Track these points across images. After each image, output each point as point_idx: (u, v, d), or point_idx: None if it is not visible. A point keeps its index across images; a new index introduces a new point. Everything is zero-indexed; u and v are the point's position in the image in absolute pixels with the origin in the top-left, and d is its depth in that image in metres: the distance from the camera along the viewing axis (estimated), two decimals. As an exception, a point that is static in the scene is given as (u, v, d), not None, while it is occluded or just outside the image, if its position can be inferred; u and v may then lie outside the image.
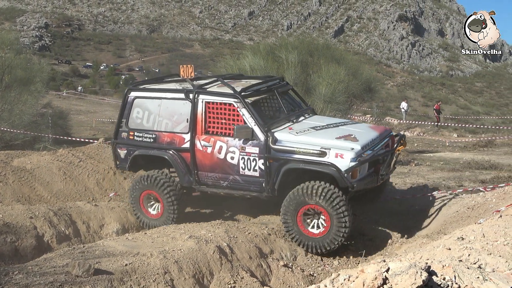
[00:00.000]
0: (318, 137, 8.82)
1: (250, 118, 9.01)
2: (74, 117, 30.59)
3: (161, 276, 7.31)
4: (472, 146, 24.78)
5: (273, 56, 18.86)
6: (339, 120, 10.50)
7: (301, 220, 8.63)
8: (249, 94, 9.36)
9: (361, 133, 9.04)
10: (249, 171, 9.12)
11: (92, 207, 10.89)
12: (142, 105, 10.11)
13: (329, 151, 8.37)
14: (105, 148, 15.40)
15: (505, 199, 8.95)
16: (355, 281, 3.66)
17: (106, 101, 50.01)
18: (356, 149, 8.36)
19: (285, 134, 8.92)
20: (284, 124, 9.36)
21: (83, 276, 6.65)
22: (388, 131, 9.89)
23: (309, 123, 9.59)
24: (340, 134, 8.91)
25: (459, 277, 3.71)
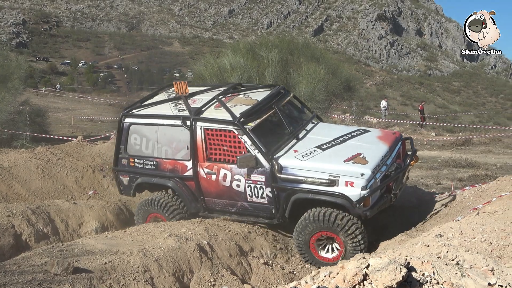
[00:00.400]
0: (325, 161, 8.36)
1: (252, 145, 8.60)
2: (52, 115, 30.24)
3: (141, 274, 7.27)
4: (450, 145, 25.02)
5: (253, 55, 18.87)
6: (345, 129, 9.70)
7: (314, 246, 8.39)
8: (249, 119, 8.87)
9: (370, 150, 8.57)
10: (257, 198, 8.78)
11: (70, 205, 10.80)
12: (139, 131, 9.72)
13: (339, 179, 8.00)
14: (83, 146, 15.29)
15: (482, 197, 9.06)
16: (335, 278, 3.68)
17: (85, 99, 49.61)
18: (366, 175, 7.95)
19: (290, 160, 8.49)
20: (288, 144, 8.89)
21: (62, 275, 6.59)
22: (398, 138, 9.40)
23: (315, 138, 9.09)
24: (348, 154, 8.41)
25: (437, 273, 3.75)
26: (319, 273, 4.21)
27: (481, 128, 31.16)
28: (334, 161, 8.30)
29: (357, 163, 8.16)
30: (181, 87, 9.90)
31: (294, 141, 8.99)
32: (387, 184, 8.37)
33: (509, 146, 23.59)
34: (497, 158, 19.80)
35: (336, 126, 10.50)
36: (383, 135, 9.39)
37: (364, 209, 7.91)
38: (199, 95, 10.08)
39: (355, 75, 32.82)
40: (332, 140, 8.90)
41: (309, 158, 8.44)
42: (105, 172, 13.64)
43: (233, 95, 9.98)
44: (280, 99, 9.70)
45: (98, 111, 38.42)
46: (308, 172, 8.22)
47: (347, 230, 7.97)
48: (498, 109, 71.00)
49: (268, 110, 9.27)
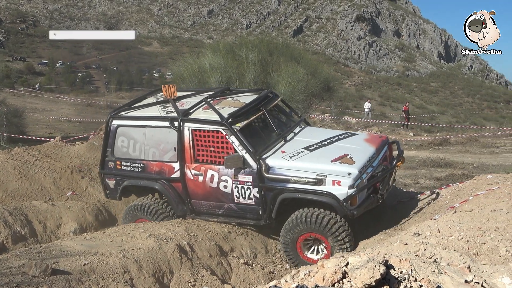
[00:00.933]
0: (312, 161, 8.41)
1: (240, 146, 8.59)
2: (30, 115, 29.96)
3: (121, 275, 7.24)
4: (427, 145, 25.28)
5: (233, 55, 18.87)
6: (333, 132, 9.86)
7: (301, 246, 8.39)
8: (236, 119, 8.86)
9: (357, 151, 8.63)
10: (244, 199, 8.74)
11: (49, 206, 10.71)
12: (126, 133, 9.65)
13: (326, 178, 8.02)
14: (61, 146, 15.16)
15: (459, 195, 9.17)
16: (315, 276, 3.71)
17: (63, 99, 49.11)
18: (353, 174, 8.00)
19: (278, 160, 8.51)
20: (276, 145, 8.95)
21: (40, 277, 6.53)
22: (384, 141, 9.51)
23: (302, 140, 9.16)
24: (335, 155, 8.47)
25: (415, 271, 3.80)
26: (298, 272, 4.23)
27: (458, 128, 31.58)
28: (321, 161, 8.36)
29: (344, 163, 8.23)
30: (169, 90, 9.88)
31: (282, 142, 9.05)
32: (374, 185, 8.44)
33: (485, 145, 23.91)
34: (474, 157, 20.07)
35: (323, 130, 10.67)
36: (370, 138, 9.51)
37: (351, 208, 7.95)
38: (187, 98, 10.10)
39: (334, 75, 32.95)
40: (319, 141, 8.96)
41: (297, 158, 8.48)
42: (84, 173, 13.54)
43: (221, 98, 10.00)
44: (268, 102, 9.71)
45: (76, 111, 38.09)
46: (295, 171, 8.24)
47: (337, 235, 7.99)
48: (475, 109, 71.90)
49: (256, 112, 9.31)
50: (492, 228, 5.63)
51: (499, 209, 6.48)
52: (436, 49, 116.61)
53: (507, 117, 49.46)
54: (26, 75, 76.74)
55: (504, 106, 75.87)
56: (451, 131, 31.26)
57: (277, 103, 10.10)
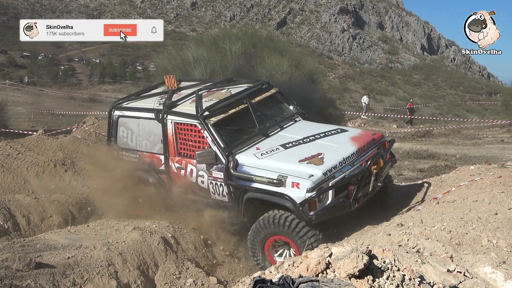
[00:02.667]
0: (280, 160, 7.93)
1: (212, 141, 8.36)
2: (12, 109, 29.63)
3: (105, 268, 7.24)
4: (410, 137, 25.45)
5: (217, 47, 18.86)
6: (323, 128, 9.06)
7: (269, 250, 7.99)
8: (212, 114, 8.59)
9: (333, 150, 8.07)
10: (218, 195, 8.51)
11: (32, 200, 10.63)
12: (126, 124, 9.69)
13: (287, 179, 7.54)
14: (44, 140, 15.03)
15: (442, 186, 9.26)
16: (299, 267, 3.73)
17: (45, 92, 48.64)
18: (316, 176, 7.44)
19: (248, 158, 8.17)
20: (254, 141, 8.57)
21: (24, 270, 6.51)
22: (375, 140, 8.66)
23: (285, 136, 8.69)
24: (307, 154, 7.95)
25: (398, 261, 3.84)
26: (283, 263, 4.26)
27: (441, 120, 31.80)
28: (289, 160, 7.90)
29: (312, 163, 7.73)
30: (170, 81, 9.87)
31: (262, 138, 8.69)
32: (348, 188, 7.78)
33: (467, 137, 24.13)
34: (456, 149, 20.25)
35: (315, 125, 9.40)
36: (357, 136, 8.73)
37: (310, 213, 7.39)
38: (187, 89, 9.95)
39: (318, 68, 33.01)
40: (301, 138, 8.49)
41: (267, 156, 8.11)
42: (67, 166, 13.46)
43: (218, 89, 9.80)
44: (255, 94, 9.30)
45: (59, 104, 37.77)
46: (260, 170, 7.89)
47: (304, 239, 7.53)
48: (458, 101, 72.37)
49: (238, 105, 8.95)
50: (474, 219, 5.69)
51: (481, 199, 6.55)
52: (419, 42, 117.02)
53: (489, 109, 49.86)
54: (7, 68, 75.94)
55: (486, 98, 76.40)
56: (434, 123, 31.51)
57: (271, 95, 9.61)
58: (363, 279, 3.44)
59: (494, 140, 22.70)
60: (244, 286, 4.14)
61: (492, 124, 27.30)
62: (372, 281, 3.45)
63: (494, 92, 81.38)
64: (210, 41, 19.79)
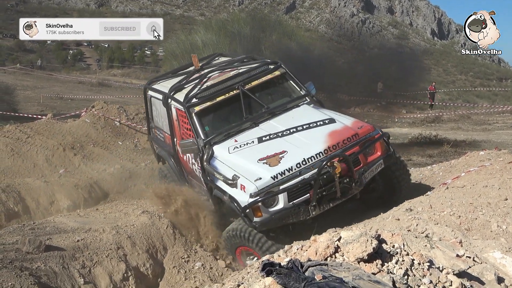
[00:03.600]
0: (244, 157, 7.24)
1: (194, 130, 7.96)
2: (21, 93, 29.70)
3: (114, 251, 7.29)
4: (420, 122, 25.34)
5: (225, 32, 18.78)
6: (316, 117, 7.77)
7: (240, 256, 7.55)
8: (200, 101, 8.07)
9: (300, 148, 7.08)
10: (206, 185, 8.00)
11: (41, 183, 10.72)
12: (155, 104, 9.72)
13: (238, 180, 6.92)
14: (53, 124, 15.09)
15: (451, 172, 9.23)
16: (308, 250, 3.73)
17: (54, 77, 48.70)
18: (263, 180, 6.71)
19: (221, 151, 7.57)
20: (239, 131, 7.83)
21: (34, 253, 6.56)
22: (358, 135, 7.31)
23: (270, 126, 7.74)
24: (271, 151, 7.10)
25: (407, 245, 3.82)
26: (291, 247, 4.26)
27: (451, 106, 31.60)
28: (250, 158, 7.17)
29: (267, 164, 6.93)
30: (194, 60, 9.50)
31: (248, 127, 7.90)
32: (309, 193, 6.85)
33: (477, 122, 24.00)
34: (466, 134, 20.15)
35: (312, 112, 8.05)
36: (337, 130, 7.37)
37: (255, 219, 6.75)
38: (208, 68, 9.30)
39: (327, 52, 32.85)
40: (283, 130, 7.52)
41: (237, 151, 7.44)
42: (76, 150, 13.51)
43: (231, 69, 8.95)
44: (255, 77, 8.42)
45: (68, 89, 37.78)
46: (225, 167, 7.29)
47: (260, 246, 7.01)
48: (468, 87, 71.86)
49: (229, 91, 8.21)
50: (484, 204, 5.66)
51: (491, 185, 6.52)
52: (429, 26, 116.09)
53: (499, 94, 49.51)
54: (16, 52, 75.90)
55: (497, 83, 75.84)
56: (443, 108, 31.31)
57: (276, 77, 8.60)
58: (372, 263, 3.44)
59: (504, 126, 22.55)
60: (253, 269, 4.15)
61: (502, 110, 27.14)
62: (381, 265, 3.44)
63: (505, 78, 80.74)
64: (218, 25, 19.71)
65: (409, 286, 3.27)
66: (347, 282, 3.11)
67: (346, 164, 6.87)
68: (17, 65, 55.34)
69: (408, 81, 34.47)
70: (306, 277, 3.19)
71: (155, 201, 8.80)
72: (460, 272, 3.57)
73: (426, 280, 3.38)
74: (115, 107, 18.41)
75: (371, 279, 3.19)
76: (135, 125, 17.60)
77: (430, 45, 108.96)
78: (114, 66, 67.03)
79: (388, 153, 7.50)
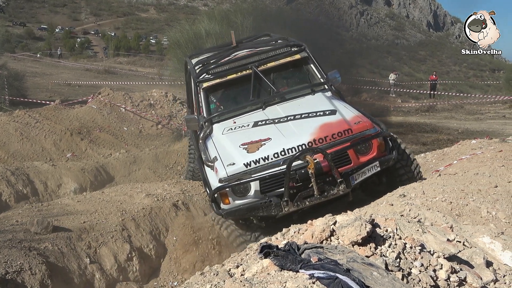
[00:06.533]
0: (231, 140, 6.65)
1: (198, 106, 7.53)
2: (30, 79, 29.65)
3: (119, 232, 7.31)
4: (415, 111, 25.32)
5: (228, 21, 18.69)
6: (320, 106, 6.93)
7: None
8: (208, 77, 7.57)
9: (286, 137, 6.35)
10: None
11: (49, 167, 10.73)
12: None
13: (216, 162, 6.37)
14: (61, 109, 15.09)
15: (444, 159, 9.23)
16: (304, 234, 3.74)
17: (62, 64, 48.64)
18: (236, 165, 6.13)
19: (218, 130, 7.04)
20: (242, 113, 7.21)
21: (42, 233, 6.59)
22: (350, 131, 6.37)
23: (274, 111, 7.06)
24: (256, 137, 6.47)
25: (400, 230, 3.83)
26: (289, 230, 4.27)
27: (445, 95, 31.54)
28: (235, 141, 6.58)
29: (246, 150, 6.31)
30: (232, 37, 8.88)
31: (253, 110, 7.25)
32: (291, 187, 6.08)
33: (470, 112, 23.98)
34: (459, 123, 20.14)
35: (321, 101, 7.16)
36: (331, 123, 6.50)
37: (223, 206, 6.25)
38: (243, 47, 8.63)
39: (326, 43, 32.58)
40: (282, 117, 6.83)
41: (230, 132, 6.87)
42: (83, 135, 13.52)
43: (252, 51, 8.12)
44: (274, 58, 7.71)
45: (76, 76, 37.72)
46: (213, 147, 6.74)
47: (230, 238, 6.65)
48: (461, 77, 71.69)
49: (242, 70, 7.61)
50: (475, 191, 5.67)
51: (481, 172, 6.52)
52: (425, 18, 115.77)
53: (492, 85, 49.31)
54: (26, 40, 75.70)
55: (489, 74, 75.74)
56: (437, 98, 31.29)
57: (296, 60, 7.80)
58: (366, 247, 3.45)
59: (496, 116, 22.53)
60: (251, 251, 4.16)
61: (494, 100, 27.09)
62: (375, 249, 3.45)
63: (498, 69, 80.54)
64: (221, 15, 19.61)
65: (401, 269, 3.28)
66: (341, 265, 3.12)
67: (327, 161, 5.95)
68: (38, 54, 55.32)
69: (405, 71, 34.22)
70: (303, 259, 3.21)
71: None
72: (450, 256, 3.58)
73: (417, 263, 3.40)
74: (120, 94, 18.43)
75: (364, 262, 3.20)
76: (140, 112, 17.60)
77: (425, 37, 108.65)
78: (120, 54, 66.91)
79: (388, 156, 6.41)
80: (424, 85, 42.13)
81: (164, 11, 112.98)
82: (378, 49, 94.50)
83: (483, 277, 3.59)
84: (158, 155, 13.08)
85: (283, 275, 3.13)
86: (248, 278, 3.23)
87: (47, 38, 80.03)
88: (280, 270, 3.20)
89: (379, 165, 6.31)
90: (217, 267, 4.17)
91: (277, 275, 3.14)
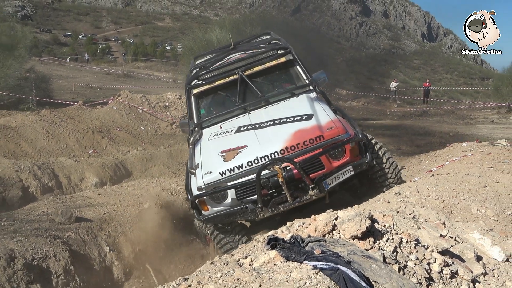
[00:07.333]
0: (214, 146, 6.32)
1: (189, 111, 7.26)
2: (55, 82, 29.75)
3: (136, 224, 7.33)
4: (409, 115, 25.24)
5: (238, 30, 18.71)
6: (302, 110, 6.50)
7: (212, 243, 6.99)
8: (198, 83, 7.30)
9: (261, 144, 5.98)
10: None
11: (73, 162, 10.76)
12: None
13: (197, 170, 6.08)
14: (84, 110, 15.13)
15: (437, 161, 9.19)
16: (308, 228, 3.74)
17: (85, 68, 48.78)
18: (212, 174, 5.86)
19: (205, 136, 6.71)
20: (228, 118, 6.86)
21: (66, 223, 6.62)
22: (322, 137, 5.96)
23: (258, 116, 6.65)
24: (235, 144, 6.12)
25: (397, 225, 3.82)
26: (293, 224, 4.27)
27: (437, 101, 31.43)
28: (217, 148, 6.24)
29: (223, 158, 6.00)
30: (232, 38, 8.67)
31: (239, 114, 6.88)
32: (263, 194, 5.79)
33: (461, 117, 23.89)
34: (450, 127, 20.06)
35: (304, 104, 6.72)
36: (305, 129, 6.09)
37: (203, 213, 6.05)
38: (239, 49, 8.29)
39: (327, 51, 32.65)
40: (264, 122, 6.43)
41: (215, 138, 6.53)
42: (104, 133, 13.55)
43: (244, 54, 7.81)
44: (259, 62, 7.30)
45: (97, 79, 37.81)
46: (198, 154, 6.40)
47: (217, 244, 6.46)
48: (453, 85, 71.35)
49: (229, 75, 7.24)
50: (465, 190, 5.65)
51: (472, 173, 6.49)
52: (420, 30, 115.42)
53: (481, 92, 49.06)
54: (52, 46, 75.94)
55: (479, 82, 75.32)
56: (431, 103, 31.20)
57: (281, 63, 7.39)
58: (365, 240, 3.44)
59: (485, 121, 22.42)
60: (259, 243, 4.16)
61: (483, 106, 26.96)
62: (373, 243, 3.45)
63: (486, 77, 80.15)
64: (231, 25, 19.63)
65: (398, 261, 3.28)
66: (342, 257, 3.12)
67: (296, 169, 5.65)
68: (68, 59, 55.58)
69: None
70: (307, 251, 3.20)
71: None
72: (443, 250, 3.57)
73: (413, 256, 3.39)
74: (138, 96, 18.47)
75: (364, 255, 3.20)
76: (156, 113, 17.63)
77: (420, 47, 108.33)
78: (138, 59, 67.02)
79: (361, 160, 6.09)
80: (418, 92, 41.99)
81: (178, 20, 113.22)
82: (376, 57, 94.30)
83: (473, 270, 3.58)
84: (172, 152, 13.12)
85: (288, 266, 3.13)
86: (256, 268, 3.23)
87: (71, 44, 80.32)
88: (285, 261, 3.20)
89: (352, 169, 6.00)
90: (227, 257, 4.17)
91: (283, 266, 3.14)
